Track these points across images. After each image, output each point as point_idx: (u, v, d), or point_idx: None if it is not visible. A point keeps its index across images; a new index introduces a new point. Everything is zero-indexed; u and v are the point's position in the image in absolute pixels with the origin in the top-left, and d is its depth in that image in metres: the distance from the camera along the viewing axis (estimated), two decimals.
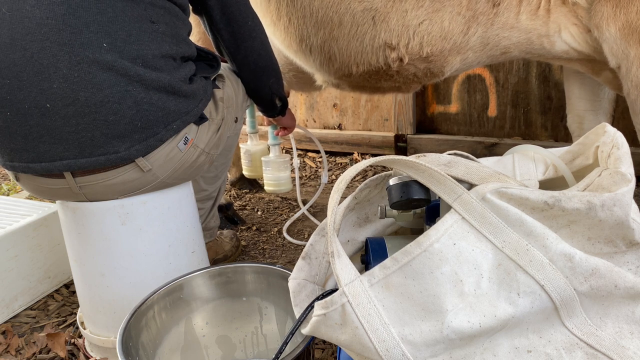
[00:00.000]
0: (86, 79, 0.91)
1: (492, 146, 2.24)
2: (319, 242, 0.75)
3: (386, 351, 0.57)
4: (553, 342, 0.59)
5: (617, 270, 0.59)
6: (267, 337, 1.05)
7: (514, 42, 1.23)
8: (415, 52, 1.26)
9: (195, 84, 1.05)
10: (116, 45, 0.93)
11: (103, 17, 0.93)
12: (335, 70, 1.37)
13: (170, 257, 1.11)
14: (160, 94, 0.97)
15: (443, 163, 0.65)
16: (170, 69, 1.00)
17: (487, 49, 1.26)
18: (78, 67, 0.91)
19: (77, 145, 0.94)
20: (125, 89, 0.93)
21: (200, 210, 1.42)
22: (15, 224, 1.42)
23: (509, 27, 1.20)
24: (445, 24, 1.21)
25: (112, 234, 1.05)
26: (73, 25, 0.91)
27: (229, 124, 1.21)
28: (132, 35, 0.95)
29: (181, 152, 1.04)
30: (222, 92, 1.17)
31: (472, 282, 0.57)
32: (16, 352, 1.24)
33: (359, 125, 2.60)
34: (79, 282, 1.14)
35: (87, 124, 0.93)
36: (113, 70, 0.93)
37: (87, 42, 0.91)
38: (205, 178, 1.38)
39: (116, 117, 0.93)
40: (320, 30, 1.30)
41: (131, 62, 0.94)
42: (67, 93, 0.91)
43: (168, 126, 0.99)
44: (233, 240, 1.60)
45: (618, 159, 0.61)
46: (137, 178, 1.01)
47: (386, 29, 1.24)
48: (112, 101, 0.93)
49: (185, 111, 1.02)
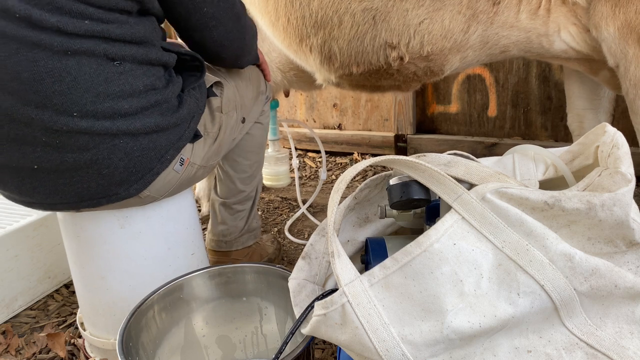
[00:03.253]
0: (69, 143, 0.86)
1: (492, 146, 2.24)
2: (319, 242, 0.75)
3: (386, 351, 0.57)
4: (553, 342, 0.59)
5: (617, 270, 0.59)
6: (267, 337, 1.05)
7: (513, 41, 1.24)
8: (416, 51, 1.25)
9: (186, 104, 0.98)
10: (87, 111, 0.85)
11: (62, 86, 0.84)
12: (335, 69, 1.37)
13: (169, 260, 1.11)
14: (150, 136, 0.92)
15: (443, 163, 0.65)
16: (153, 105, 0.92)
17: (487, 47, 1.26)
18: (56, 135, 0.85)
19: (74, 195, 0.92)
20: (112, 144, 0.88)
21: (241, 212, 1.41)
22: (15, 224, 1.42)
23: (508, 26, 1.20)
24: (445, 22, 1.20)
25: (111, 238, 1.05)
26: (37, 101, 0.84)
27: (233, 127, 1.18)
28: (99, 94, 0.86)
29: (178, 174, 1.01)
30: (219, 101, 1.12)
31: (472, 282, 0.57)
32: (16, 352, 1.24)
33: (359, 125, 2.60)
34: (78, 285, 1.14)
35: (81, 177, 0.90)
36: (94, 134, 0.87)
37: (54, 114, 0.84)
38: (241, 179, 1.36)
39: (109, 170, 0.90)
40: (320, 31, 1.30)
41: (109, 120, 0.87)
42: (53, 157, 0.87)
43: (162, 158, 0.96)
44: (274, 243, 1.58)
45: (618, 158, 0.61)
46: (135, 202, 1.00)
47: (387, 28, 1.24)
48: (102, 158, 0.89)
49: (177, 138, 0.97)
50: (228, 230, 1.41)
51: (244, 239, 1.44)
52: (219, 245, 1.43)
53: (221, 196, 1.39)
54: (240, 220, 1.42)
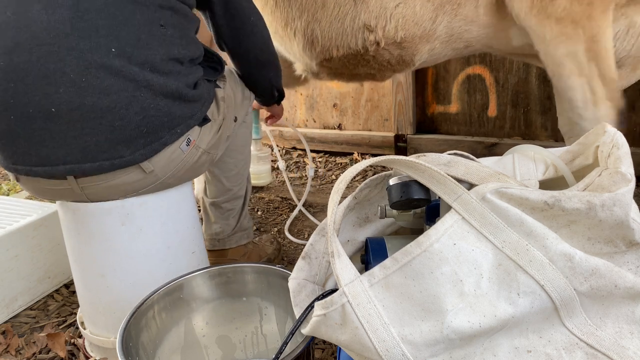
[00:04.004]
0: (94, 84, 0.91)
1: (492, 146, 2.25)
2: (319, 242, 0.75)
3: (386, 351, 0.57)
4: (553, 342, 0.59)
5: (617, 270, 0.59)
6: (267, 337, 1.05)
7: (475, 35, 1.28)
8: (391, 36, 1.31)
9: (200, 88, 1.05)
10: (125, 50, 0.92)
11: (112, 21, 0.92)
12: (317, 54, 1.42)
13: (170, 258, 1.11)
14: (167, 100, 0.97)
15: (443, 163, 0.65)
16: (178, 73, 0.99)
17: (452, 40, 1.31)
18: (86, 72, 0.90)
19: (80, 150, 0.94)
20: (133, 95, 0.93)
21: (231, 211, 1.43)
22: (15, 224, 1.42)
23: (469, 20, 1.25)
24: (417, 8, 1.26)
25: (112, 235, 1.05)
26: (81, 29, 0.90)
27: (229, 123, 1.21)
28: (141, 39, 0.94)
29: (183, 154, 1.04)
30: (223, 92, 1.18)
31: (472, 282, 0.57)
32: (16, 352, 1.24)
33: (359, 125, 2.60)
34: (79, 283, 1.14)
35: (92, 129, 0.92)
36: (121, 76, 0.92)
37: (95, 46, 0.90)
38: (228, 177, 1.38)
39: (122, 123, 0.93)
40: (305, 13, 1.35)
41: (139, 67, 0.93)
42: (74, 98, 0.90)
43: (172, 130, 0.99)
44: (274, 243, 1.59)
45: (618, 158, 0.61)
46: (139, 179, 1.01)
47: (366, 10, 1.29)
48: (119, 107, 0.92)
49: (190, 115, 1.02)
50: (220, 229, 1.44)
51: (237, 237, 1.46)
52: (213, 244, 1.45)
53: (210, 197, 1.42)
54: (231, 218, 1.44)
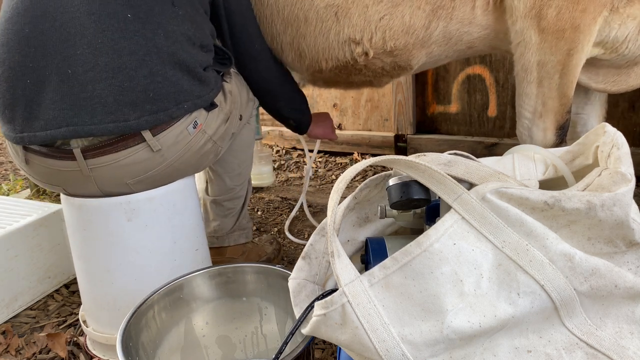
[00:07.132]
0: (108, 45, 0.97)
1: (492, 146, 2.24)
2: (319, 242, 0.75)
3: (386, 351, 0.57)
4: (553, 342, 0.59)
5: (617, 270, 0.59)
6: (267, 337, 1.05)
7: (476, 37, 1.25)
8: (379, 46, 1.28)
9: (209, 73, 1.09)
10: (139, 17, 0.99)
11: None
12: (306, 66, 1.40)
13: (175, 253, 1.11)
14: (175, 71, 1.01)
15: (443, 163, 0.65)
16: (188, 47, 1.04)
17: (452, 43, 1.28)
18: (102, 34, 0.97)
19: (88, 111, 0.96)
20: (143, 58, 0.98)
21: (231, 210, 1.44)
22: (15, 224, 1.42)
23: (467, 22, 1.22)
24: (406, 18, 1.23)
25: (118, 230, 1.05)
26: None
27: (235, 119, 1.22)
28: (154, 10, 1.01)
29: (190, 136, 1.06)
30: (230, 87, 1.19)
31: (472, 282, 0.57)
32: (16, 352, 1.24)
33: (359, 125, 2.60)
34: (82, 279, 1.14)
35: (102, 90, 0.96)
36: (134, 40, 0.98)
37: (113, 12, 0.98)
38: (231, 177, 1.39)
39: (131, 84, 0.97)
40: (289, 28, 1.33)
41: (152, 32, 0.99)
42: (89, 58, 0.96)
43: (179, 105, 1.02)
44: (273, 244, 1.60)
45: (618, 158, 0.61)
46: (147, 159, 1.02)
47: (349, 24, 1.27)
48: (129, 68, 0.97)
49: (198, 95, 1.05)
50: (219, 226, 1.45)
51: (235, 235, 1.47)
52: (211, 241, 1.45)
53: (211, 195, 1.43)
54: (231, 217, 1.45)
